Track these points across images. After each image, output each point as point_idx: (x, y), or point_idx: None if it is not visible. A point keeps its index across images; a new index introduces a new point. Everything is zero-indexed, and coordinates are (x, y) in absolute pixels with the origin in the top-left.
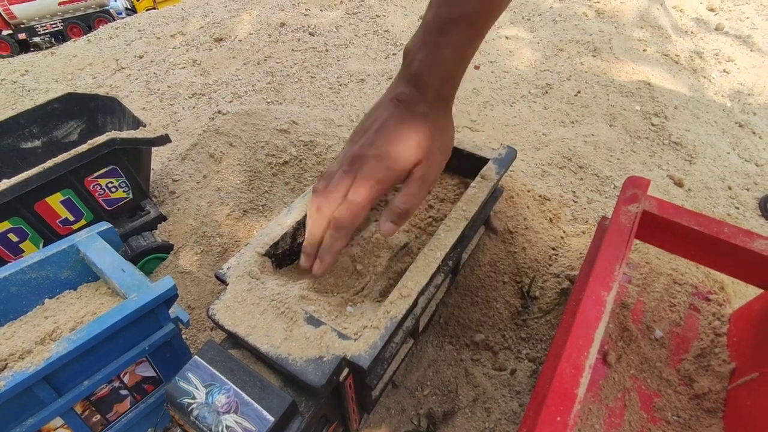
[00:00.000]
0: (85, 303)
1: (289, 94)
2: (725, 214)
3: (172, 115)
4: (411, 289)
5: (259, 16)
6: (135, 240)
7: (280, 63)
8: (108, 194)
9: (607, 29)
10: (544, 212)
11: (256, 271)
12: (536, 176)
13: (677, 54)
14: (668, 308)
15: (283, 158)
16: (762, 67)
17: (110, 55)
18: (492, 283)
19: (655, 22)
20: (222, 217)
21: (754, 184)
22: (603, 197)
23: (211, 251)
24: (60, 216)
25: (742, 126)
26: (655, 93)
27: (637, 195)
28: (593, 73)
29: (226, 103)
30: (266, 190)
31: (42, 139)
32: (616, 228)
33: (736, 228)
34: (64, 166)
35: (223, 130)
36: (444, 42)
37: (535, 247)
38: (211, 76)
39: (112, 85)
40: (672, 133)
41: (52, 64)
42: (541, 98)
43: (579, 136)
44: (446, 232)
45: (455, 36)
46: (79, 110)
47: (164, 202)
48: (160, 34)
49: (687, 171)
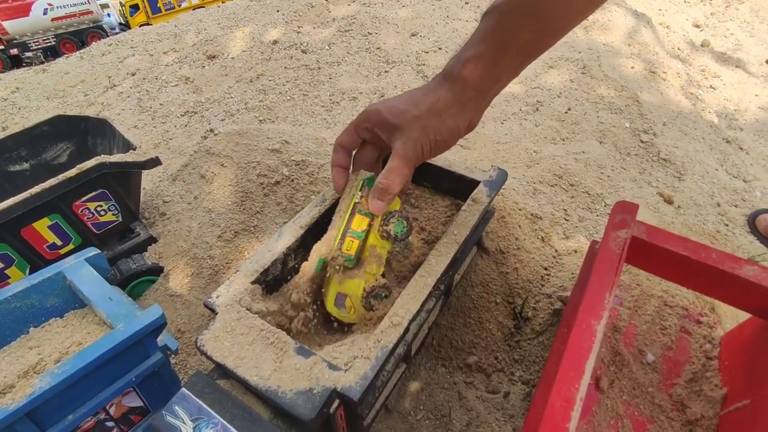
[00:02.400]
0: (71, 332)
1: (281, 112)
2: (715, 231)
3: (164, 133)
4: (402, 317)
5: (252, 33)
6: (124, 263)
7: (272, 81)
8: (97, 218)
9: (596, 47)
10: (536, 231)
11: (247, 299)
12: (528, 194)
13: (665, 71)
14: (660, 331)
15: (275, 178)
16: (747, 83)
17: (103, 72)
18: (484, 303)
19: (642, 40)
20: (213, 238)
21: (742, 200)
22: (594, 215)
23: (202, 273)
24: (47, 241)
25: (729, 142)
26: (644, 110)
27: (626, 220)
28: (583, 90)
29: (219, 121)
30: (258, 210)
31: (30, 161)
32: (605, 254)
33: (723, 254)
34: (51, 191)
35: (215, 151)
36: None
37: (527, 267)
38: (203, 93)
39: (104, 102)
40: (661, 150)
41: (43, 81)
42: (532, 115)
43: (570, 153)
44: (437, 257)
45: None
46: (69, 132)
47: (154, 224)
48: (153, 51)
49: (676, 188)
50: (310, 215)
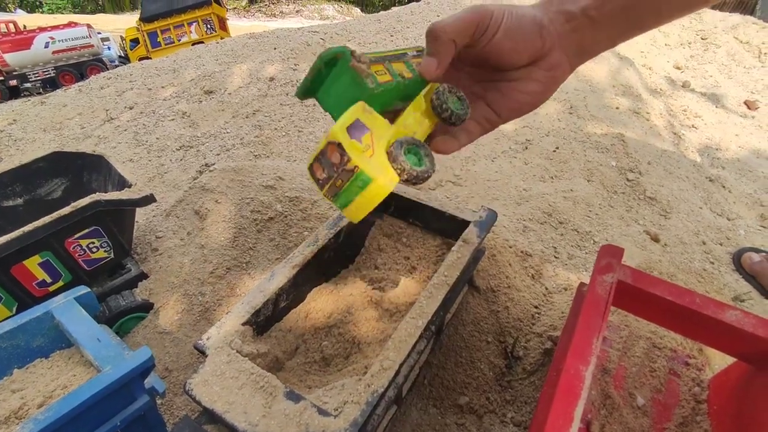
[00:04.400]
0: (56, 374)
1: (276, 147)
2: (701, 269)
3: (159, 167)
4: (393, 361)
5: (249, 70)
6: (114, 300)
7: (268, 117)
8: (88, 255)
9: (582, 88)
10: (526, 268)
11: (237, 341)
12: (518, 231)
13: (648, 112)
14: (649, 373)
15: (269, 214)
16: (727, 123)
17: (100, 105)
18: (476, 342)
19: (626, 82)
20: (205, 275)
21: (726, 239)
22: (583, 252)
23: (192, 310)
24: (37, 278)
25: (712, 181)
26: (629, 149)
27: (612, 264)
28: (570, 129)
29: (214, 156)
30: (250, 246)
31: (24, 196)
32: (592, 299)
33: (707, 298)
34: (45, 229)
35: (210, 187)
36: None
37: (518, 305)
38: (199, 128)
39: (101, 135)
40: (647, 189)
41: (41, 113)
42: (522, 154)
43: (558, 191)
44: (428, 299)
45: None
46: (65, 168)
47: (146, 260)
48: (152, 86)
49: (663, 225)
50: (303, 255)
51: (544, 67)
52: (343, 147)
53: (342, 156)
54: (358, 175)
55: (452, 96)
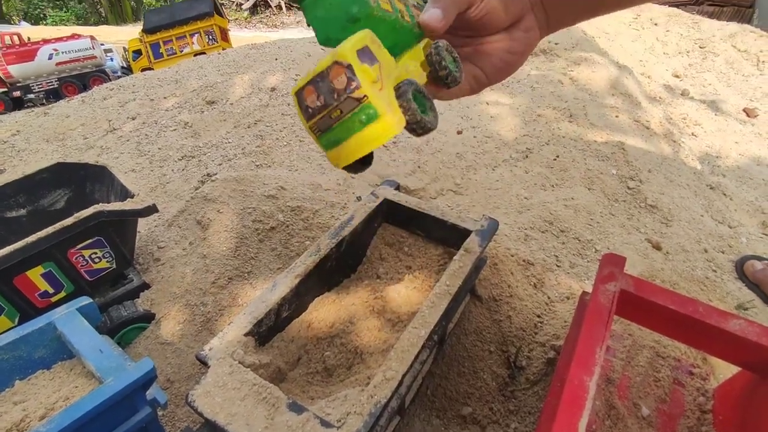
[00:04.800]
0: (58, 386)
1: (278, 157)
2: (704, 278)
3: (161, 177)
4: (396, 371)
5: (251, 80)
6: (115, 310)
7: (269, 126)
8: (91, 265)
9: (582, 96)
10: (528, 277)
11: (239, 352)
12: (519, 240)
13: (648, 120)
14: (653, 383)
15: (270, 224)
16: (726, 131)
17: (103, 115)
18: (478, 352)
19: (625, 90)
20: (207, 285)
21: (728, 246)
22: (585, 261)
23: (194, 320)
24: (39, 289)
25: (713, 188)
26: (629, 157)
27: (614, 273)
28: (570, 137)
29: (216, 166)
30: (252, 256)
31: (28, 207)
32: (595, 308)
33: (710, 307)
34: (48, 240)
35: (212, 197)
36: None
37: (520, 314)
38: (201, 138)
39: (103, 146)
40: (647, 197)
41: (44, 124)
42: (522, 162)
43: (559, 199)
44: (430, 308)
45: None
46: (68, 179)
47: (148, 270)
48: (154, 96)
49: (664, 234)
50: (305, 265)
51: (521, 28)
52: (353, 70)
53: (350, 81)
54: (365, 106)
55: (449, 55)
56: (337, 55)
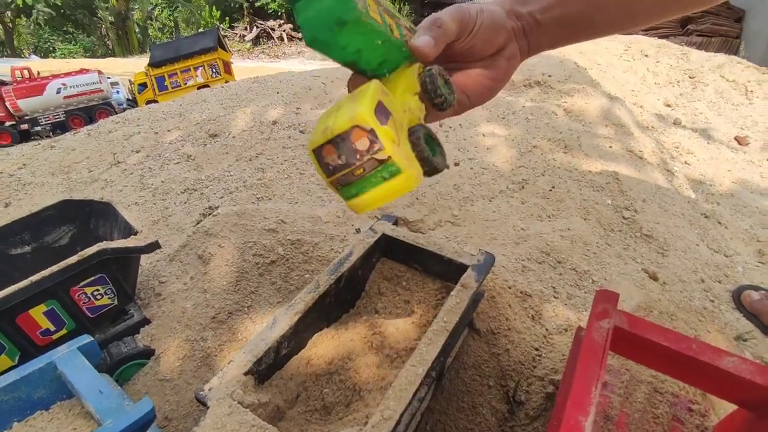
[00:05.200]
0: (56, 428)
1: (278, 190)
2: (702, 308)
3: (164, 210)
4: (393, 410)
5: (253, 113)
6: (115, 346)
7: (270, 159)
8: (93, 302)
9: (576, 127)
10: (526, 309)
11: (239, 392)
12: (517, 271)
13: (641, 149)
14: (652, 420)
15: (270, 258)
16: (719, 158)
17: (108, 149)
18: (477, 387)
19: (618, 120)
20: (207, 319)
21: (725, 276)
22: (582, 292)
23: (194, 356)
24: (41, 327)
25: (707, 217)
26: (624, 187)
27: (608, 310)
28: (565, 168)
29: (218, 199)
30: (252, 290)
31: (32, 244)
32: (589, 345)
33: (704, 344)
34: (52, 278)
35: (213, 232)
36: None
37: (519, 348)
38: (204, 171)
39: (107, 179)
40: (643, 226)
41: (50, 157)
42: (518, 193)
43: (556, 230)
44: (428, 345)
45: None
46: (73, 216)
47: (149, 305)
48: (158, 129)
49: (660, 264)
50: (304, 302)
51: (504, 56)
52: (375, 134)
53: (372, 144)
54: (388, 165)
55: (442, 79)
56: (358, 120)
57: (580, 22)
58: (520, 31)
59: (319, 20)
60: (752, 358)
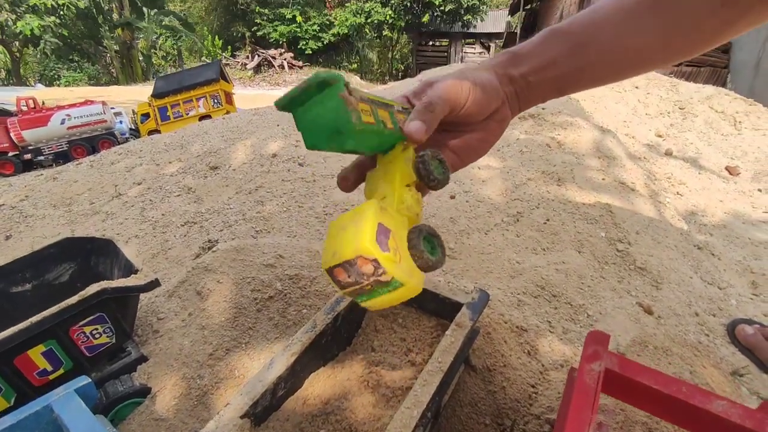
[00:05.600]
0: None
1: (277, 223)
2: (697, 342)
3: (163, 243)
4: None
5: (253, 145)
6: (112, 385)
7: (270, 192)
8: (91, 341)
9: (569, 159)
10: (522, 345)
11: None
12: (512, 306)
13: (633, 181)
14: None
15: (269, 293)
16: (710, 189)
17: (110, 180)
18: (474, 425)
19: (610, 153)
20: (204, 357)
21: (719, 309)
22: (578, 326)
23: (190, 395)
24: (38, 367)
25: (700, 248)
26: (617, 219)
27: (599, 352)
28: (559, 201)
29: (217, 232)
30: (250, 326)
31: (33, 282)
32: (581, 388)
33: (694, 387)
34: (52, 319)
35: (212, 267)
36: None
37: (515, 385)
38: (204, 204)
39: (108, 211)
40: (636, 259)
41: (52, 188)
42: (513, 226)
43: (551, 263)
44: (422, 386)
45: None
46: (75, 253)
47: (147, 342)
48: (160, 161)
49: (655, 297)
50: (301, 342)
51: (496, 119)
52: (378, 262)
53: (376, 269)
54: (392, 282)
55: (434, 161)
56: (362, 251)
57: (569, 80)
58: (513, 94)
59: (318, 130)
60: (749, 394)
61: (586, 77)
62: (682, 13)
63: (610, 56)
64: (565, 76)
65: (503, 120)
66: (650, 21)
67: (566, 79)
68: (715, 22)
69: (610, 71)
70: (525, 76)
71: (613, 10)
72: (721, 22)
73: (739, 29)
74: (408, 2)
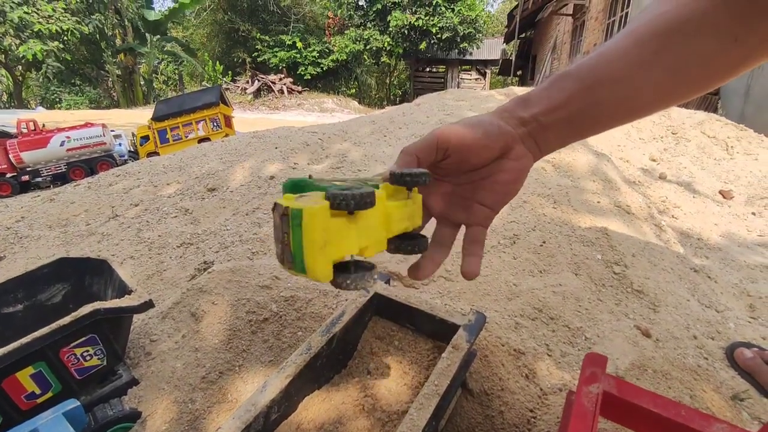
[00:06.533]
0: None
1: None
2: (696, 366)
3: (159, 264)
4: None
5: (251, 168)
6: (101, 410)
7: (267, 214)
8: (81, 363)
9: (564, 183)
10: (520, 368)
11: None
12: (510, 328)
13: (628, 204)
14: None
15: (264, 315)
16: (705, 212)
17: (107, 202)
18: None
19: (605, 176)
20: (197, 380)
21: (717, 332)
22: (576, 349)
23: (181, 419)
24: (26, 390)
25: (697, 271)
26: (613, 242)
27: (597, 374)
28: (555, 223)
29: (213, 254)
30: (244, 349)
31: (25, 302)
32: (579, 411)
33: (693, 411)
34: (42, 340)
35: (207, 288)
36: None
37: (513, 409)
38: (200, 225)
39: (104, 232)
40: (633, 282)
41: (49, 210)
42: (510, 248)
43: (548, 286)
44: (418, 410)
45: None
46: (69, 274)
47: (138, 364)
48: (158, 183)
49: (652, 320)
50: (296, 364)
51: (512, 158)
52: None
53: (280, 211)
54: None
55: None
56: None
57: (584, 119)
58: (527, 135)
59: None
60: (750, 419)
61: (600, 115)
62: (693, 51)
63: (623, 92)
64: (579, 115)
65: (519, 159)
66: (662, 57)
67: (581, 118)
68: (728, 58)
69: (624, 108)
70: (536, 117)
71: (623, 47)
72: (734, 58)
73: (751, 64)
74: (406, 30)
